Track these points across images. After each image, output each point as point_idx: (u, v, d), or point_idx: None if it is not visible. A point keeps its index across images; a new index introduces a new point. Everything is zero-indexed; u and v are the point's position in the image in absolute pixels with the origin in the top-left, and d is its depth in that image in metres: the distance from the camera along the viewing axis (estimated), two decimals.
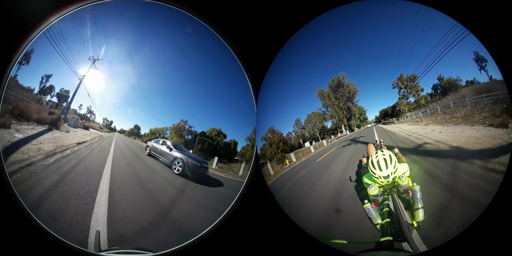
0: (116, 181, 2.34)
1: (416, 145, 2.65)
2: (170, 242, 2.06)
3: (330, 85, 3.09)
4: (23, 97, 2.02)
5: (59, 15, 2.01)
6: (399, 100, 2.82)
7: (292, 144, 3.12)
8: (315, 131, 3.28)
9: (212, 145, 2.21)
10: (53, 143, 2.26)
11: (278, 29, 2.24)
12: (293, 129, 3.07)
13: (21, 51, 1.99)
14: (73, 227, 2.01)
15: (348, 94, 3.17)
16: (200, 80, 2.45)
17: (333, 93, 3.15)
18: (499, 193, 1.80)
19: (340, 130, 3.35)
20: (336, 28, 2.54)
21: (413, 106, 2.82)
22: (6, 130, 2.06)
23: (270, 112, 2.55)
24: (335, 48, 2.74)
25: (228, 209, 2.13)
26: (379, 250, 1.99)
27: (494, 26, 1.85)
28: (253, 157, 2.34)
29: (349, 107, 3.28)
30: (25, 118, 2.20)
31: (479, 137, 2.16)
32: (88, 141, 2.53)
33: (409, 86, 2.66)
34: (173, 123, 2.16)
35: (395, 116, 3.01)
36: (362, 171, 2.64)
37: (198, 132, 2.23)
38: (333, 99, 3.16)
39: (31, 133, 2.27)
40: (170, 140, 2.31)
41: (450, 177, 2.21)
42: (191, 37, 2.33)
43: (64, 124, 2.29)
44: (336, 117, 3.28)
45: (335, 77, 3.02)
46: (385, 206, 2.25)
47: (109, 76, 2.25)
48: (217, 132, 2.24)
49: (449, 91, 2.45)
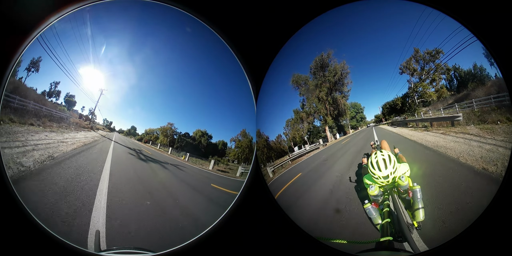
0: (115, 180, 2.35)
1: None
2: (170, 241, 2.06)
3: (311, 68, 2.23)
4: (22, 97, 2.03)
5: (59, 15, 2.01)
6: (419, 84, 1.87)
7: (282, 148, 2.48)
8: (300, 134, 2.46)
9: (189, 143, 2.44)
10: (30, 147, 2.17)
11: (278, 29, 2.24)
12: (284, 131, 2.44)
13: (21, 51, 1.99)
14: (73, 227, 2.01)
15: (333, 77, 2.22)
16: (200, 80, 2.45)
17: (312, 78, 2.27)
18: (499, 193, 1.80)
19: (324, 134, 2.35)
20: (336, 28, 2.54)
21: (432, 99, 1.90)
22: (6, 130, 2.07)
23: (271, 112, 2.54)
24: (335, 48, 2.74)
25: (228, 209, 2.13)
26: (379, 250, 1.99)
27: (493, 25, 1.85)
28: (253, 157, 2.34)
29: (335, 99, 2.30)
30: (26, 118, 2.21)
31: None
32: (88, 142, 2.52)
33: (429, 68, 1.82)
34: (161, 125, 2.36)
35: (406, 112, 2.11)
36: (362, 171, 2.63)
37: (182, 133, 2.48)
38: (311, 87, 2.26)
39: (31, 133, 2.28)
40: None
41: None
42: (191, 37, 2.33)
43: (64, 124, 2.30)
44: (316, 114, 2.32)
45: (318, 57, 2.19)
46: (386, 206, 2.25)
47: (110, 75, 2.26)
48: (202, 133, 2.44)
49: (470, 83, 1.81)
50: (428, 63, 1.90)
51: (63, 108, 2.09)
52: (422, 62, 1.93)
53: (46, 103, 1.98)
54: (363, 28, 2.53)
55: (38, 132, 1.98)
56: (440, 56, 1.84)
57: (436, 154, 2.06)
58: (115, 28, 2.25)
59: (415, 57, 1.93)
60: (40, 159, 1.86)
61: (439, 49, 1.85)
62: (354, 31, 2.58)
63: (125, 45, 2.27)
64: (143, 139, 2.49)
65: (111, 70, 2.26)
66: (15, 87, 1.85)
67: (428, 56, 1.88)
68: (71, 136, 2.06)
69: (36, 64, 2.09)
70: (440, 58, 1.84)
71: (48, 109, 1.99)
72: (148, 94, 2.36)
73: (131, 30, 2.27)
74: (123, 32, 2.26)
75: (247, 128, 2.42)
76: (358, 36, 2.61)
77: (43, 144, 1.93)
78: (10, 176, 1.93)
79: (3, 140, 1.99)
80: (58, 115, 2.02)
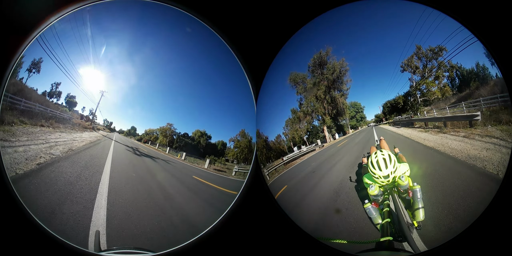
0: (115, 180, 2.37)
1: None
2: (170, 241, 2.06)
3: (309, 66, 2.19)
4: (27, 99, 2.17)
5: (58, 15, 2.01)
6: (422, 81, 1.80)
7: (281, 149, 2.44)
8: (299, 134, 2.40)
9: (188, 143, 2.56)
10: (53, 143, 2.36)
11: (278, 29, 2.24)
12: (283, 131, 2.40)
13: (20, 52, 1.99)
14: (73, 226, 2.02)
15: (331, 75, 2.18)
16: (200, 80, 2.45)
17: (310, 77, 2.22)
18: (499, 193, 1.80)
19: (323, 134, 2.29)
20: (336, 28, 2.54)
21: (436, 97, 1.80)
22: (6, 130, 2.07)
23: (271, 112, 2.54)
24: (335, 48, 2.74)
25: (228, 209, 2.13)
26: (379, 250, 1.99)
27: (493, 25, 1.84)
28: (253, 157, 2.34)
29: (334, 98, 2.24)
30: (35, 120, 2.22)
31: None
32: (93, 140, 2.60)
33: (432, 66, 1.78)
34: (161, 125, 2.45)
35: (408, 111, 2.00)
36: (362, 171, 2.63)
37: (181, 133, 2.56)
38: (309, 85, 2.21)
39: (47, 133, 2.30)
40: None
41: None
42: (191, 37, 2.33)
43: (69, 125, 2.43)
44: (314, 113, 2.28)
45: (316, 54, 2.16)
46: (386, 206, 2.25)
47: (110, 76, 2.27)
48: (201, 133, 2.50)
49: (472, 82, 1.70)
50: (430, 61, 1.84)
51: (65, 109, 2.26)
52: (425, 59, 1.87)
53: (49, 105, 2.18)
54: (363, 28, 2.54)
55: (52, 132, 2.29)
56: (443, 54, 1.78)
57: (475, 172, 1.53)
58: (115, 28, 2.25)
59: (417, 54, 1.88)
60: (64, 150, 2.30)
61: (442, 46, 1.79)
62: (354, 31, 2.59)
63: (125, 45, 2.27)
64: (143, 139, 2.57)
65: (111, 70, 2.26)
66: (20, 89, 2.01)
67: (430, 53, 1.82)
68: (78, 135, 2.40)
69: (36, 65, 2.10)
70: (443, 55, 1.78)
71: (52, 110, 2.22)
72: (148, 94, 2.37)
73: (131, 30, 2.27)
74: (123, 32, 2.26)
75: (247, 128, 2.43)
76: (358, 36, 2.61)
77: (61, 141, 2.29)
78: (10, 175, 1.95)
79: (3, 140, 2.02)
80: (62, 116, 2.26)
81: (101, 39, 2.21)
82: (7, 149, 1.95)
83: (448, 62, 1.76)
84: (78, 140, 2.37)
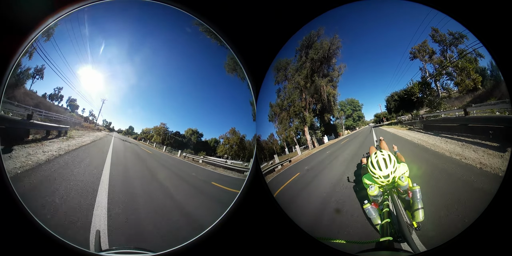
0: (115, 180, 2.37)
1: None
2: (169, 241, 2.07)
3: (296, 50, 1.68)
4: (47, 110, 2.36)
5: (58, 15, 2.00)
6: (447, 63, 1.31)
7: (274, 149, 2.09)
8: (288, 134, 2.00)
9: (178, 141, 2.73)
10: (53, 143, 2.43)
11: (278, 29, 2.24)
12: (276, 129, 2.04)
13: (20, 52, 1.99)
14: (73, 226, 2.02)
15: (315, 55, 1.61)
16: (200, 80, 2.46)
17: (295, 61, 1.64)
18: (499, 193, 1.80)
19: (304, 137, 1.73)
20: (336, 28, 2.53)
21: (476, 85, 1.36)
22: (5, 130, 2.07)
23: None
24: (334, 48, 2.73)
25: (228, 209, 2.13)
26: (379, 250, 1.99)
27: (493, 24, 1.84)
28: (253, 156, 2.34)
29: (317, 86, 1.60)
30: (25, 118, 2.22)
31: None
32: (88, 142, 2.67)
33: (450, 55, 1.35)
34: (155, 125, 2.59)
35: (425, 106, 1.50)
36: (361, 172, 2.63)
37: (173, 132, 2.72)
38: (290, 70, 1.63)
39: (31, 133, 2.30)
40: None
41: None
42: (191, 37, 2.33)
43: (81, 128, 2.63)
44: (291, 108, 1.64)
45: (305, 36, 1.67)
46: (385, 207, 2.25)
47: (109, 76, 2.27)
48: (192, 131, 2.63)
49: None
50: (450, 47, 1.46)
51: (72, 114, 2.48)
52: (443, 44, 1.50)
53: (59, 110, 2.40)
54: (364, 28, 2.53)
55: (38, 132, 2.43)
56: (464, 41, 1.44)
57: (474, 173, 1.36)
58: (114, 28, 2.25)
59: (434, 37, 1.49)
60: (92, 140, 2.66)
61: (463, 33, 1.46)
62: (354, 31, 2.59)
63: (124, 45, 2.27)
64: (138, 137, 2.76)
65: (110, 70, 2.27)
66: (39, 102, 2.24)
67: (450, 38, 1.43)
68: (91, 134, 2.69)
69: (37, 68, 2.11)
70: (464, 42, 1.45)
71: (65, 117, 2.48)
72: (147, 94, 2.37)
73: (130, 30, 2.27)
74: (122, 32, 2.26)
75: (246, 128, 2.43)
76: (358, 35, 2.61)
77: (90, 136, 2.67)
78: (10, 175, 1.95)
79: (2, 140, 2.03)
80: (72, 120, 2.54)
81: (100, 39, 2.21)
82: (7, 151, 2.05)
83: (474, 50, 1.44)
84: (94, 136, 2.70)
